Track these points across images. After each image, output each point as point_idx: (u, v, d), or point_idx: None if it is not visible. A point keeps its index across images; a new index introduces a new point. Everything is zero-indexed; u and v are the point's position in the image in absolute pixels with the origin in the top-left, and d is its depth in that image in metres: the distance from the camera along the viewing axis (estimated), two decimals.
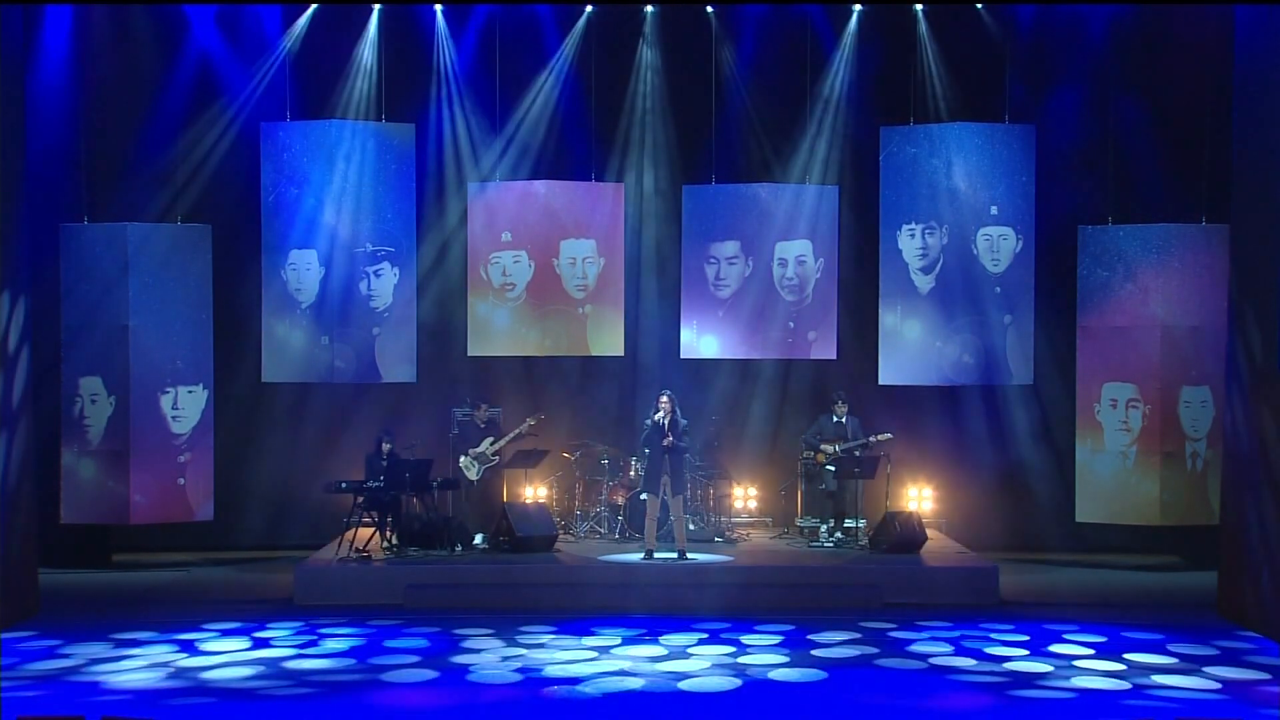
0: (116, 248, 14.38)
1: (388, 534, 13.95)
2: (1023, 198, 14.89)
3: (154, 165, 15.01)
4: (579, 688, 9.85)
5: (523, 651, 10.98)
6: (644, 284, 16.08)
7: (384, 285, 14.96)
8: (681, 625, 11.90)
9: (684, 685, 9.96)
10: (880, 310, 15.22)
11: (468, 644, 11.22)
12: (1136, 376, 14.74)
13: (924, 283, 15.02)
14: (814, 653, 10.97)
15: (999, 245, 14.87)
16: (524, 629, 11.71)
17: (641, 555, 13.62)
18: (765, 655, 10.90)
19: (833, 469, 14.56)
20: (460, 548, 13.99)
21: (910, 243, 15.04)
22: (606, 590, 12.87)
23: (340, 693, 9.78)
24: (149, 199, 14.95)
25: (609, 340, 15.43)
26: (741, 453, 16.02)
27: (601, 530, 15.07)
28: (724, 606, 12.50)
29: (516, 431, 14.50)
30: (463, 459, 14.51)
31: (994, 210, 14.86)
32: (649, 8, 15.66)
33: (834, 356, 15.41)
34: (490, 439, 14.48)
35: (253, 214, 14.98)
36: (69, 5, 14.37)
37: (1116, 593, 13.90)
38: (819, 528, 14.84)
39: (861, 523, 14.60)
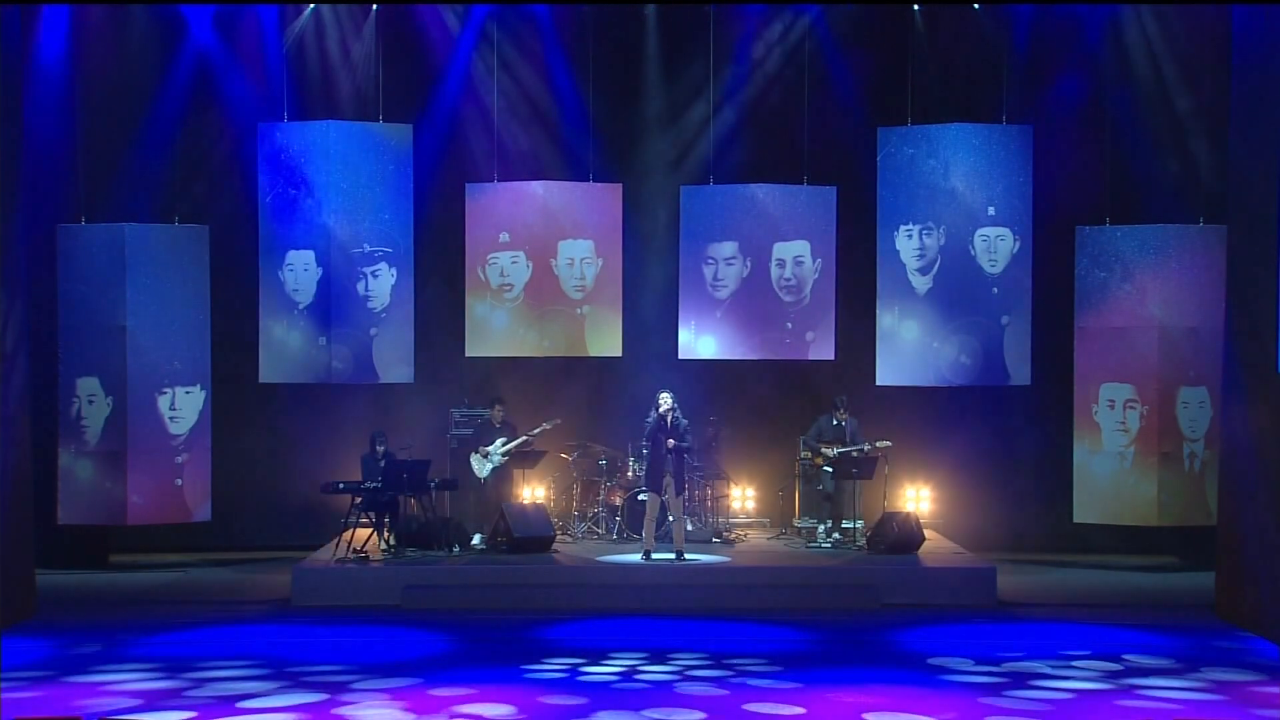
0: (114, 248, 14.36)
1: (385, 535, 13.96)
2: (1020, 198, 14.87)
3: (151, 166, 14.97)
4: None
5: None
6: (642, 285, 16.07)
7: (381, 286, 14.93)
8: (677, 625, 11.91)
9: (678, 689, 9.93)
10: (878, 311, 15.19)
11: None
12: (1134, 377, 14.73)
13: (921, 283, 14.99)
14: (810, 653, 10.97)
15: (996, 246, 14.84)
16: None
17: (640, 556, 13.63)
18: (759, 655, 10.90)
19: (830, 470, 14.57)
20: (458, 548, 13.99)
21: (908, 243, 15.02)
22: (604, 591, 12.87)
23: None
24: (146, 199, 14.91)
25: (607, 341, 15.41)
26: (739, 453, 16.02)
27: (599, 531, 15.07)
28: (722, 607, 12.49)
29: (529, 435, 14.48)
30: (473, 456, 14.50)
31: (991, 211, 14.83)
32: (649, 8, 15.66)
33: (832, 357, 15.38)
34: (503, 439, 14.48)
35: (250, 215, 14.95)
36: (66, 5, 14.35)
37: (1114, 593, 13.90)
38: (817, 528, 14.84)
39: (859, 523, 14.60)
